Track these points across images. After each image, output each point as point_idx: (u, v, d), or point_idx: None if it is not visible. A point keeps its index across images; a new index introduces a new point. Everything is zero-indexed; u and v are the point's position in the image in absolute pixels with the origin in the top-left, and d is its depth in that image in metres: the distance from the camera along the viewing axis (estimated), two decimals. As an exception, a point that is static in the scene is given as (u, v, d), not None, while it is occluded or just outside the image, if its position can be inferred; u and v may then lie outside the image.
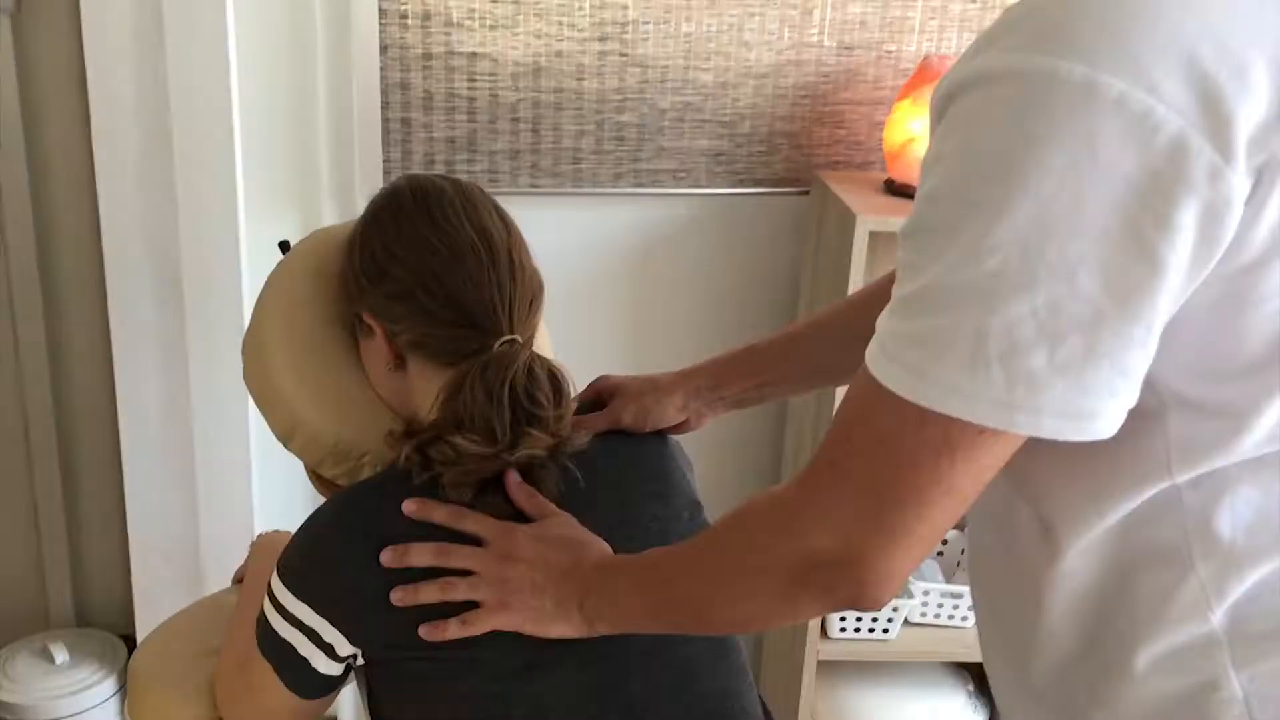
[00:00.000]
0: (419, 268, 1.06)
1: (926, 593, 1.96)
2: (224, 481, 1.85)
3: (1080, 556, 0.79)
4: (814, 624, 1.91)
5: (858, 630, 1.94)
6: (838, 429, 0.75)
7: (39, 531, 2.03)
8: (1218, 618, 0.76)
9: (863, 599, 0.75)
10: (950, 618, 1.98)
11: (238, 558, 1.80)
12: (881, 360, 0.71)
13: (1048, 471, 0.78)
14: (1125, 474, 0.75)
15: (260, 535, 1.36)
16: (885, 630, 1.95)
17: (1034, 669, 0.84)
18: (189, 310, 1.74)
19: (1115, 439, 0.69)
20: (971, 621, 2.00)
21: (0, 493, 2.01)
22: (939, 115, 0.70)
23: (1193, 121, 0.62)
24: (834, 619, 1.93)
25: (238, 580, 1.37)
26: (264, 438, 1.83)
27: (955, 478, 0.70)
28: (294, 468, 2.01)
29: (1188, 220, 0.63)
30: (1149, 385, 0.69)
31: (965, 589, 1.97)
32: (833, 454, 0.75)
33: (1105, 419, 0.68)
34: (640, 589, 0.91)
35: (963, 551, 2.11)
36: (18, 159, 1.80)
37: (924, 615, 1.97)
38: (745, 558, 0.81)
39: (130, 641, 2.04)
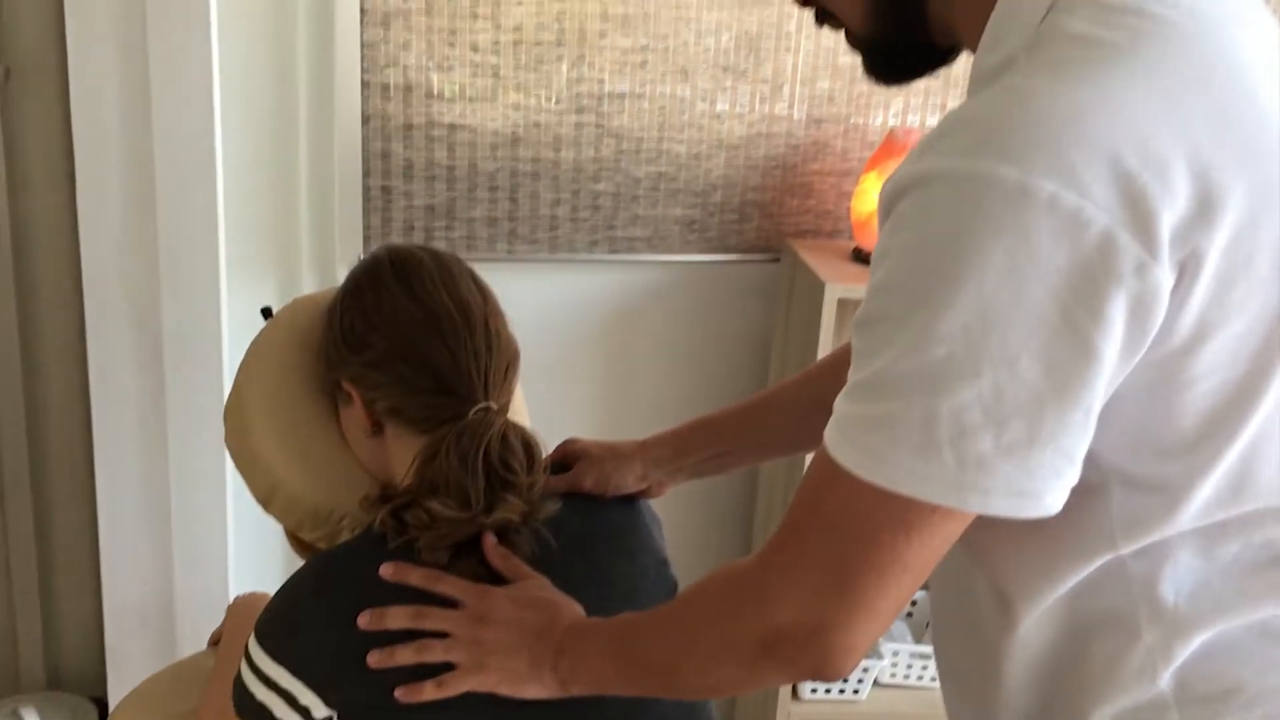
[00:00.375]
0: (397, 336, 1.09)
1: (896, 654, 1.98)
2: (200, 545, 1.85)
3: (1035, 624, 0.82)
4: (785, 686, 1.93)
5: (829, 691, 1.96)
6: (799, 505, 0.78)
7: (12, 594, 2.02)
8: (1165, 681, 0.79)
9: (825, 670, 0.77)
10: (920, 679, 2.00)
11: (212, 621, 1.81)
12: (840, 442, 0.74)
13: (1002, 546, 0.82)
14: (1073, 546, 0.79)
15: (237, 597, 1.37)
16: (855, 691, 1.97)
17: None
18: (169, 374, 1.76)
19: (1063, 514, 0.72)
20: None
21: (-26, 555, 2.01)
22: (886, 212, 0.74)
23: (1119, 220, 0.66)
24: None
25: (214, 643, 1.38)
26: (240, 501, 1.85)
27: (911, 554, 0.73)
28: (269, 531, 2.02)
29: (1118, 311, 0.67)
30: (1092, 463, 0.73)
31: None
32: (795, 529, 0.78)
33: (1051, 496, 0.71)
34: (612, 653, 0.93)
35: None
36: (1, 222, 1.83)
37: (894, 676, 1.99)
38: (712, 629, 0.83)
39: (102, 705, 2.03)
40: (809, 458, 1.82)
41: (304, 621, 1.02)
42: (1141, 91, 0.68)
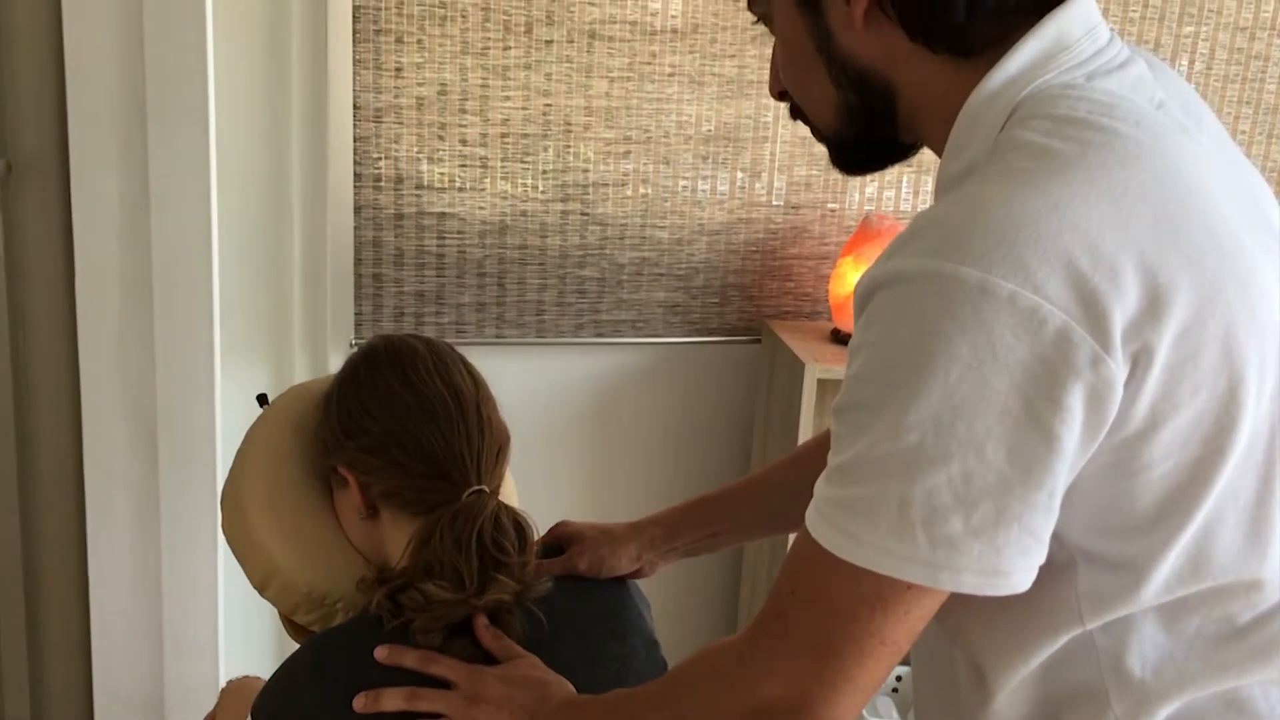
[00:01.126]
0: (392, 423, 1.12)
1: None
2: (191, 633, 1.86)
3: (1009, 698, 0.85)
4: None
5: (817, 769, 1.97)
6: (782, 584, 0.82)
7: (1, 680, 2.02)
8: None
9: None
10: (907, 755, 2.01)
11: (201, 709, 1.82)
12: (819, 523, 0.78)
13: (975, 623, 0.85)
14: (1042, 622, 0.82)
15: (230, 681, 1.38)
16: (844, 769, 1.98)
17: None
18: (163, 462, 1.78)
19: (1031, 592, 0.76)
20: (928, 758, 2.03)
21: (-37, 642, 2.01)
22: (861, 308, 0.78)
23: (1074, 317, 0.71)
24: (793, 758, 1.96)
25: (206, 727, 1.39)
26: (229, 588, 1.87)
27: (889, 629, 0.76)
28: (258, 619, 2.04)
29: (1076, 401, 0.72)
30: (1058, 542, 0.77)
31: None
32: (778, 607, 0.81)
33: (1019, 575, 0.75)
34: None
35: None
36: (0, 312, 1.86)
37: (881, 753, 2.00)
38: (702, 704, 0.86)
39: (89, 793, 2.02)
40: (792, 538, 1.86)
41: (301, 701, 1.04)
42: (1091, 198, 0.74)
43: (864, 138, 0.91)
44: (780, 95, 0.96)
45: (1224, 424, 0.76)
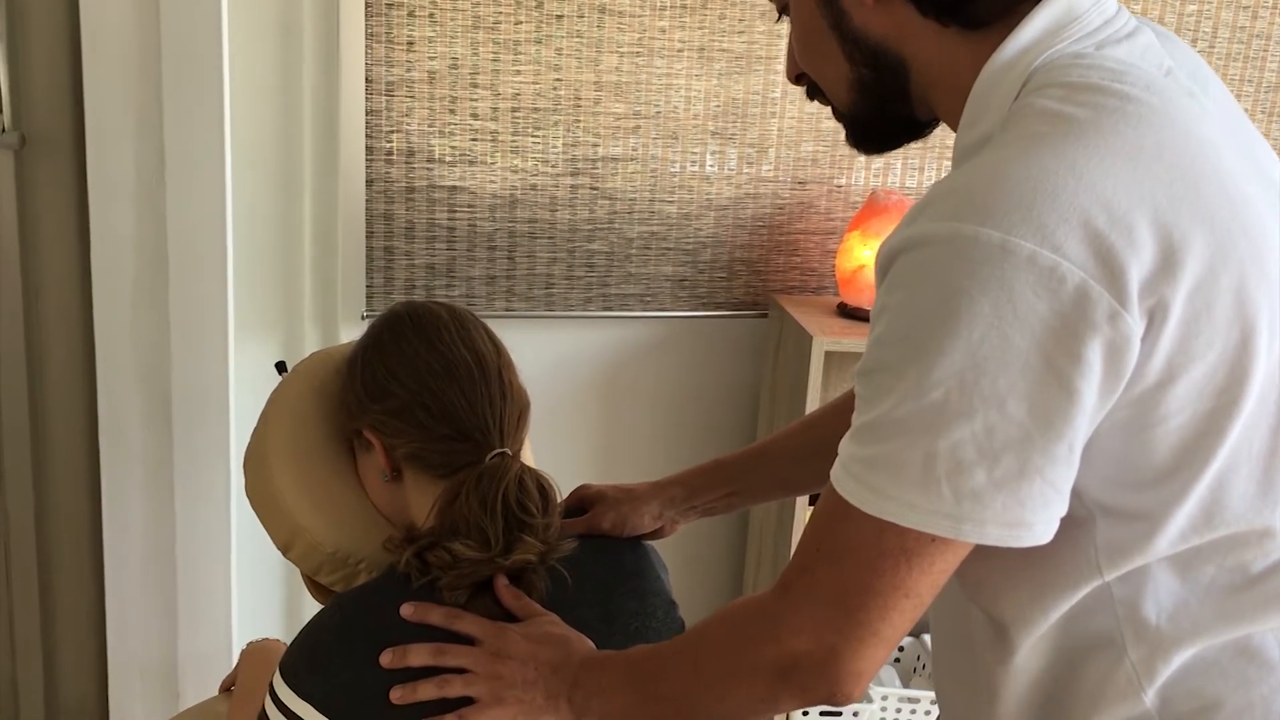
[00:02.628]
0: (417, 387, 1.14)
1: (885, 698, 2.02)
2: (204, 600, 1.88)
3: (1030, 651, 0.88)
4: (780, 730, 1.97)
5: (821, 736, 2.00)
6: (808, 541, 0.84)
7: (14, 648, 2.04)
8: (1150, 698, 0.85)
9: (837, 695, 0.83)
10: (909, 723, 2.04)
11: (214, 675, 1.84)
12: (845, 480, 0.80)
13: (997, 579, 0.88)
14: (1062, 575, 0.85)
15: (250, 643, 1.40)
16: (848, 736, 2.01)
17: None
18: (177, 430, 1.80)
19: (1051, 546, 0.79)
20: (930, 727, 2.06)
21: (-23, 610, 2.03)
22: (883, 273, 0.81)
23: (1092, 274, 0.73)
24: (798, 725, 1.99)
25: (225, 689, 1.41)
26: (241, 556, 1.89)
27: (912, 582, 0.79)
28: (268, 586, 2.06)
29: (1095, 355, 0.74)
30: (1076, 497, 0.80)
31: (922, 693, 2.04)
32: (804, 563, 0.84)
33: (1041, 526, 0.78)
34: (628, 684, 0.98)
35: (919, 658, 2.18)
36: (13, 283, 1.88)
37: (883, 719, 2.04)
38: (729, 660, 0.89)
39: (102, 759, 2.04)
40: (800, 504, 1.88)
41: (329, 658, 1.06)
42: (1106, 159, 0.76)
43: (880, 114, 0.93)
44: (797, 79, 0.99)
45: (1237, 375, 0.79)
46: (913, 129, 0.96)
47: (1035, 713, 0.90)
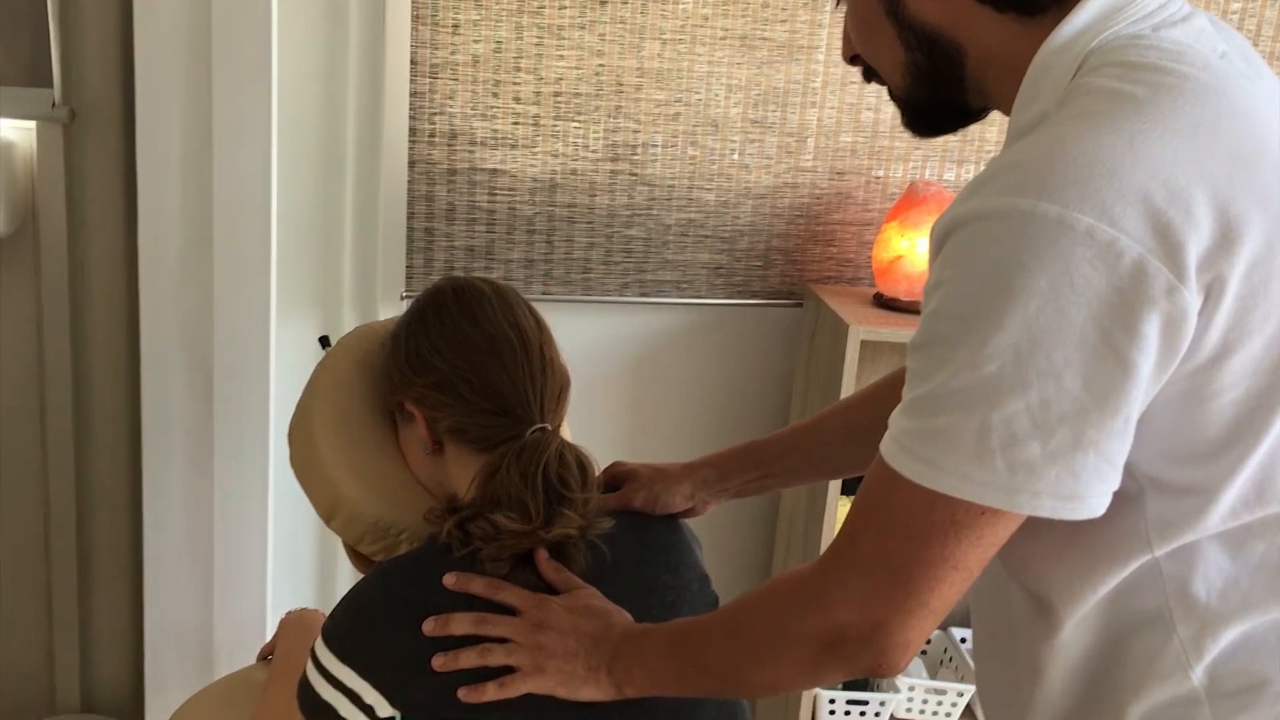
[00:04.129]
0: (460, 361, 1.15)
1: (912, 688, 2.03)
2: (241, 572, 1.91)
3: (1076, 628, 0.89)
4: (804, 717, 1.98)
5: (847, 725, 2.01)
6: (857, 515, 0.85)
7: (51, 616, 2.07)
8: (1198, 675, 0.86)
9: (882, 666, 0.84)
10: (934, 713, 2.05)
11: (250, 645, 1.86)
12: (896, 453, 0.81)
13: (1046, 554, 0.89)
14: (1111, 550, 0.86)
15: (289, 612, 1.42)
16: (873, 725, 2.02)
17: None
18: (218, 404, 1.82)
19: (1102, 521, 0.80)
20: (954, 718, 2.07)
21: (16, 576, 2.06)
22: (938, 248, 0.81)
23: (1150, 249, 0.74)
24: (824, 712, 2.00)
25: (262, 657, 1.43)
26: (278, 529, 1.91)
27: (961, 554, 0.80)
28: (302, 559, 2.08)
29: (1152, 329, 0.75)
30: (1127, 471, 0.80)
31: (948, 685, 2.04)
32: (853, 534, 0.85)
33: (1095, 499, 0.78)
34: (671, 655, 0.99)
35: (945, 650, 2.18)
36: (60, 257, 1.91)
37: (909, 710, 2.04)
38: (775, 629, 0.90)
39: (134, 728, 2.07)
40: (831, 493, 1.89)
41: (372, 624, 1.07)
42: (1165, 136, 0.77)
43: (934, 98, 0.94)
44: (853, 60, 1.00)
45: None
46: (966, 115, 0.96)
47: (1079, 691, 0.90)
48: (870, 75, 0.99)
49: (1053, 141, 0.78)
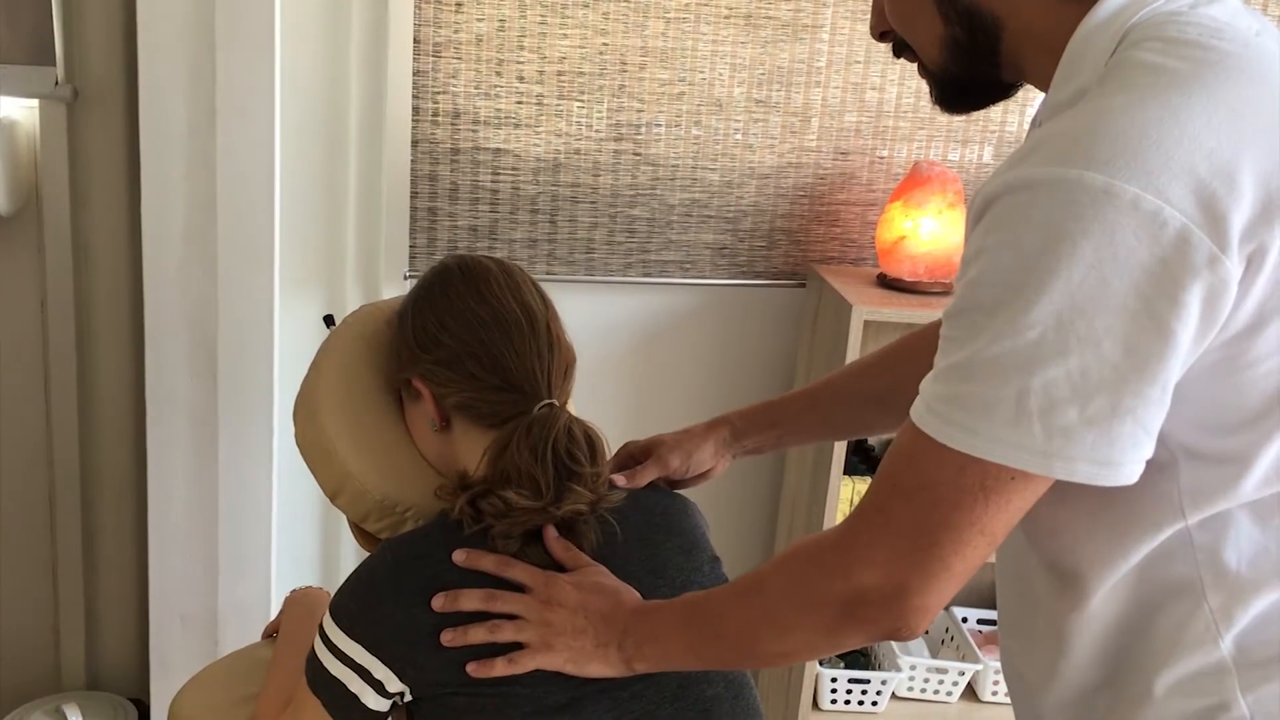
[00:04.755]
0: (468, 337, 1.15)
1: (913, 667, 2.04)
2: (245, 550, 1.91)
3: (1106, 597, 0.89)
4: (806, 695, 1.98)
5: (848, 703, 2.02)
6: (883, 479, 0.85)
7: (57, 594, 2.08)
8: (1226, 645, 0.86)
9: (902, 630, 0.85)
10: (935, 692, 2.05)
11: (254, 624, 1.87)
12: (929, 418, 0.81)
13: (1077, 523, 0.89)
14: (1144, 519, 0.86)
15: (294, 590, 1.42)
16: (874, 704, 2.02)
17: (1053, 700, 0.95)
18: (222, 382, 1.82)
19: (1134, 489, 0.80)
20: (955, 697, 2.08)
21: (21, 555, 2.07)
22: (978, 218, 0.82)
23: (1194, 220, 0.75)
24: (825, 690, 2.01)
25: (268, 635, 1.43)
26: (282, 508, 1.92)
27: (988, 519, 0.80)
28: (306, 537, 2.08)
29: (1193, 299, 0.76)
30: (1161, 441, 0.81)
31: (950, 664, 2.05)
32: (879, 499, 0.85)
33: (1130, 466, 0.79)
34: (684, 626, 1.00)
35: (946, 629, 2.19)
36: (63, 235, 1.91)
37: (910, 690, 2.05)
38: (796, 594, 0.90)
39: (140, 705, 2.08)
40: (834, 473, 1.89)
41: (381, 599, 1.07)
42: (1209, 109, 0.77)
43: (970, 74, 0.95)
44: (882, 35, 1.00)
45: None
46: (998, 90, 0.97)
47: (1107, 661, 0.91)
48: (900, 51, 0.99)
49: (1099, 113, 0.79)
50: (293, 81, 1.82)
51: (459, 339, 1.15)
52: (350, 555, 2.10)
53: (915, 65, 0.99)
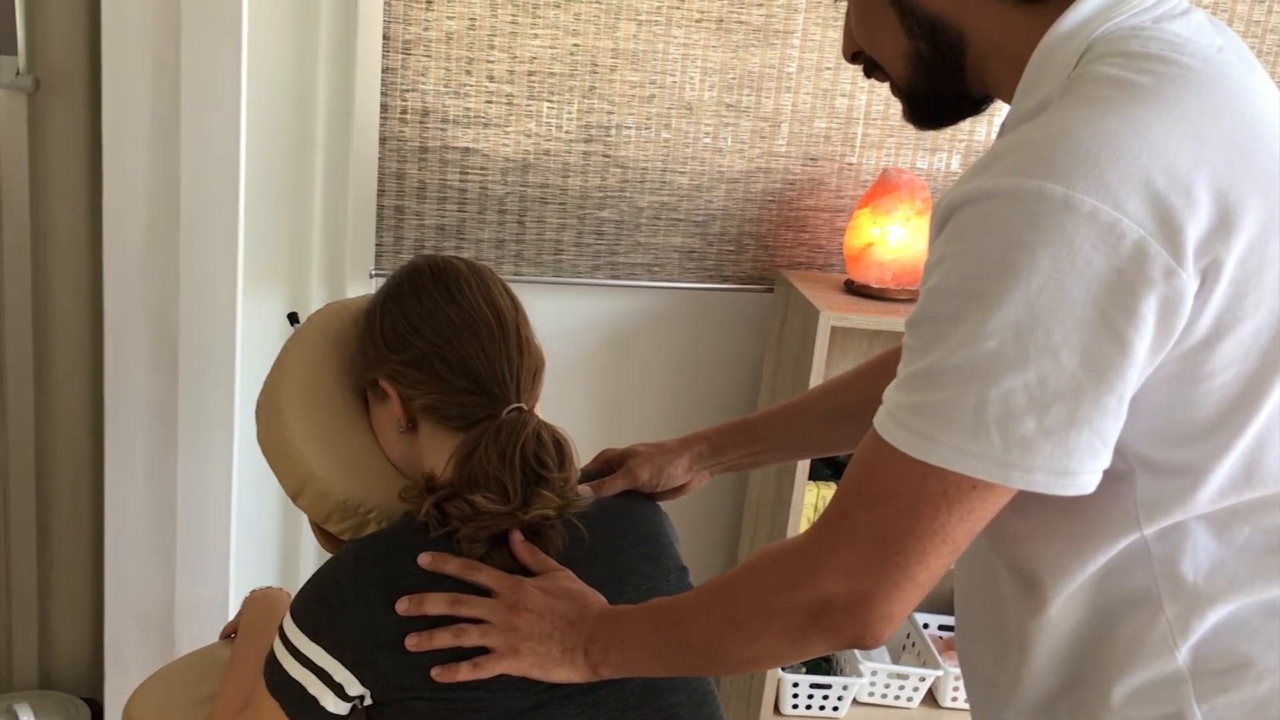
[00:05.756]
0: (436, 338, 1.14)
1: (874, 673, 2.05)
2: (204, 548, 1.89)
3: (1064, 606, 0.90)
4: (767, 700, 1.99)
5: (809, 708, 2.02)
6: (848, 486, 0.86)
7: (10, 592, 2.05)
8: (1183, 656, 0.87)
9: (866, 638, 0.85)
10: (896, 698, 2.06)
11: (211, 624, 1.85)
12: (891, 426, 0.82)
13: (1036, 531, 0.90)
14: (1101, 529, 0.87)
15: (253, 591, 1.40)
16: (835, 709, 2.03)
17: (1014, 706, 0.95)
18: (183, 379, 1.80)
19: (1092, 499, 0.81)
20: (916, 702, 2.09)
21: (-27, 553, 2.03)
22: (940, 226, 0.82)
23: (1151, 232, 0.76)
24: (787, 696, 2.01)
25: (226, 635, 1.41)
26: (242, 507, 1.89)
27: (951, 527, 0.81)
28: (267, 537, 2.06)
29: (1149, 310, 0.76)
30: (1118, 452, 0.81)
31: (910, 669, 2.06)
32: (843, 506, 0.85)
33: (1087, 476, 0.80)
34: (651, 631, 0.99)
35: (908, 635, 2.20)
36: (22, 226, 1.87)
37: (871, 695, 2.06)
38: (761, 602, 0.90)
39: (94, 705, 2.05)
40: (799, 480, 1.90)
41: (344, 602, 1.06)
42: (1168, 123, 0.78)
43: (936, 88, 0.95)
44: (854, 57, 1.01)
45: None
46: (967, 105, 0.97)
47: (1066, 669, 0.92)
48: (871, 71, 1.00)
49: (1060, 125, 0.79)
50: (260, 74, 1.80)
51: (428, 340, 1.14)
52: (312, 556, 2.08)
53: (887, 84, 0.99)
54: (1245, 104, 0.82)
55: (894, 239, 1.91)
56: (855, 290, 1.97)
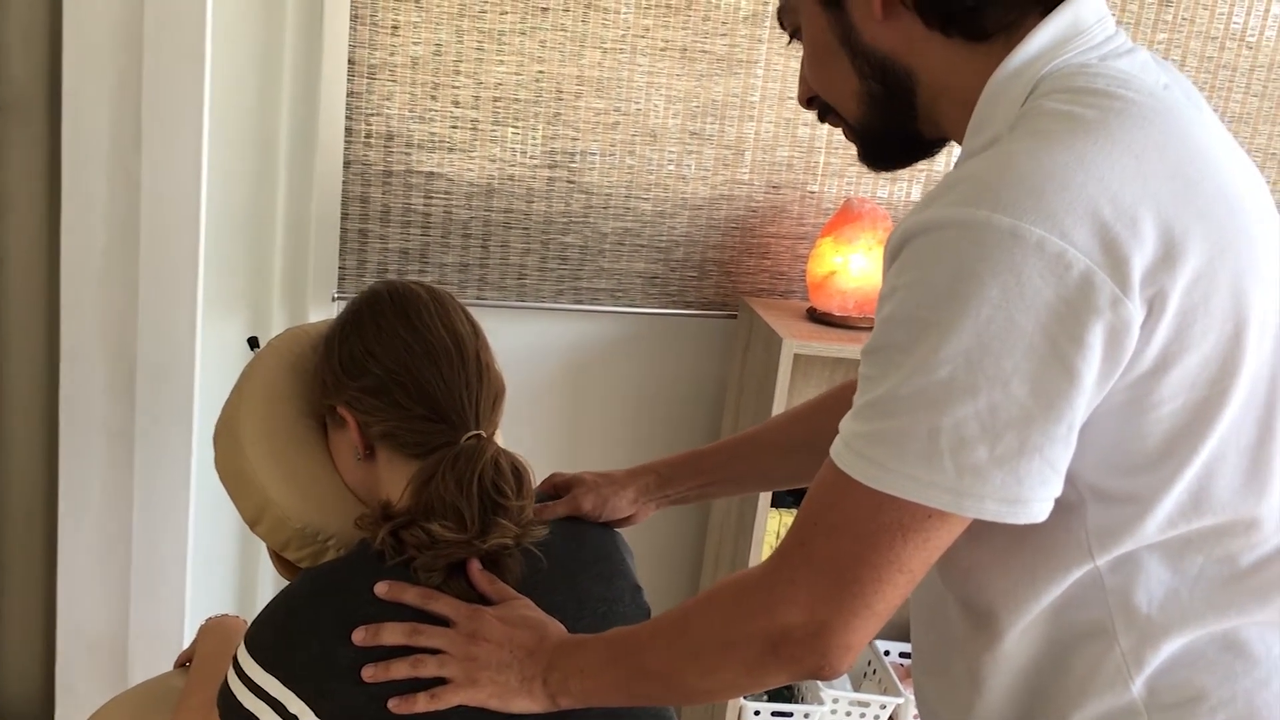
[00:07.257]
0: (395, 365, 1.14)
1: (836, 700, 2.04)
2: (159, 577, 1.86)
3: (1019, 638, 0.91)
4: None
5: (771, 735, 2.02)
6: (804, 518, 0.86)
7: (-41, 619, 2.01)
8: (1137, 687, 0.88)
9: (825, 669, 0.85)
10: (858, 725, 2.06)
11: (165, 653, 1.82)
12: (846, 455, 0.82)
13: (990, 562, 0.90)
14: (1054, 559, 0.88)
15: (209, 619, 1.39)
16: (797, 736, 2.03)
17: None
18: (140, 404, 1.78)
19: (1044, 529, 0.82)
20: (878, 730, 2.09)
21: (-78, 579, 1.99)
22: (893, 257, 0.83)
23: (1097, 262, 0.77)
24: (749, 723, 2.01)
25: (180, 664, 1.40)
26: (199, 536, 1.87)
27: (907, 557, 0.81)
28: (222, 565, 2.04)
29: (1096, 339, 0.77)
30: (1069, 482, 0.82)
31: (872, 697, 2.06)
32: (800, 536, 0.85)
33: (1038, 504, 0.80)
34: (610, 661, 0.99)
35: (869, 663, 2.21)
36: (-23, 249, 1.85)
37: (834, 722, 2.06)
38: (720, 632, 0.90)
39: (44, 734, 2.01)
40: (761, 506, 1.90)
41: (298, 632, 1.05)
42: (1114, 155, 0.80)
43: (888, 127, 0.97)
44: (809, 102, 1.02)
45: (1229, 367, 0.82)
46: (921, 147, 0.98)
47: (1020, 702, 0.92)
48: (825, 115, 1.01)
49: (1008, 157, 0.80)
50: (222, 96, 1.79)
51: (386, 367, 1.14)
52: (269, 583, 2.06)
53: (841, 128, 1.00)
54: (1190, 139, 0.84)
55: (856, 268, 1.93)
56: (818, 318, 1.98)
